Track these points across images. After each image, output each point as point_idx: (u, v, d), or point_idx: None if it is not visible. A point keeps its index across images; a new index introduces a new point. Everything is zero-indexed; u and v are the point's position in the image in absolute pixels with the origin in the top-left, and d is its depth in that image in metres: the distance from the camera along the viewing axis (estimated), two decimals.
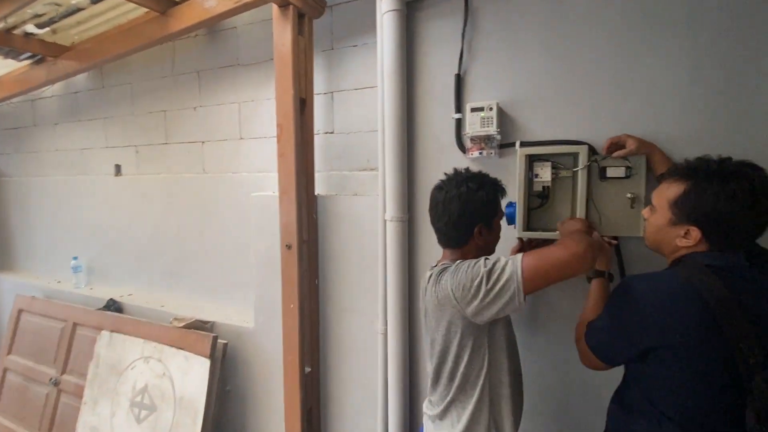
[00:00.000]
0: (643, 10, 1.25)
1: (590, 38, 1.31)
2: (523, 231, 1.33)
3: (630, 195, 1.23)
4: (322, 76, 1.86)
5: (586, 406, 1.39)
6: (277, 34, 1.62)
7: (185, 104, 2.30)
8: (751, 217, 0.82)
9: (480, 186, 1.10)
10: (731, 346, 0.79)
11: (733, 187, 0.82)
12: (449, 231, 1.12)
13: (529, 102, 1.40)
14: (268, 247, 1.93)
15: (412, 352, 1.70)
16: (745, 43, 1.15)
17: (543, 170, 1.34)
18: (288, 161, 1.64)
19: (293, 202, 1.65)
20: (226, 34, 2.12)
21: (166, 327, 2.09)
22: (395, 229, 1.58)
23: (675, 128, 1.23)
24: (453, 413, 1.11)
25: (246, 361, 2.09)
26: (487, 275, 0.96)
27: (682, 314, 0.83)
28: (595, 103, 1.32)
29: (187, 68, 2.26)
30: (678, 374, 0.85)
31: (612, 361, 0.98)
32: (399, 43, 1.50)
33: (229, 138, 2.18)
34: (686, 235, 0.89)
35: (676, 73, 1.22)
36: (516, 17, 1.40)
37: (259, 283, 2.01)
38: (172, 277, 2.47)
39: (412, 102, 1.59)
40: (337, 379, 1.91)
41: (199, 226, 2.33)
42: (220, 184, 2.24)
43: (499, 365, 1.08)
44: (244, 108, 2.12)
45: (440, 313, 1.07)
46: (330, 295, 1.89)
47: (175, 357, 2.01)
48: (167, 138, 2.40)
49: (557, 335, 1.42)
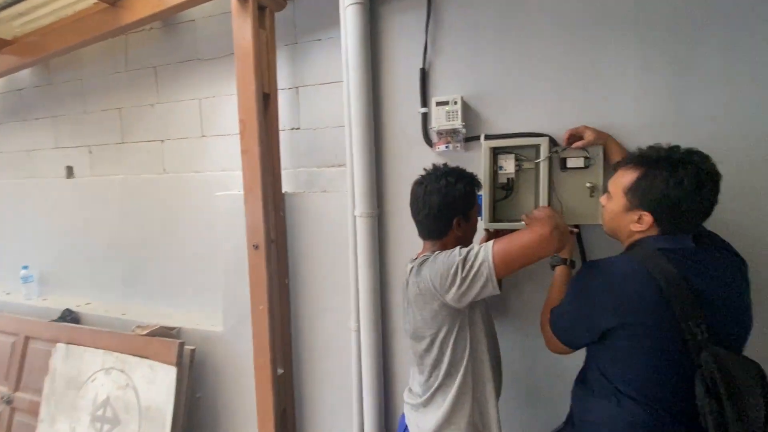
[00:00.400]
0: (597, 7, 1.29)
1: (549, 34, 1.35)
2: (489, 222, 1.35)
3: (589, 184, 1.28)
4: (287, 70, 1.82)
5: (554, 389, 1.44)
6: (236, 26, 1.57)
7: (142, 101, 2.19)
8: (697, 201, 0.87)
9: (458, 179, 1.14)
10: (681, 323, 0.83)
11: (680, 173, 0.87)
12: (429, 223, 1.16)
13: (493, 96, 1.43)
14: (236, 247, 1.87)
15: (386, 347, 1.70)
16: (688, 38, 1.21)
17: (507, 162, 1.37)
18: (252, 158, 1.60)
19: (259, 201, 1.61)
20: (184, 27, 2.03)
21: (128, 336, 1.99)
22: (365, 225, 1.57)
23: (628, 119, 1.28)
24: (438, 399, 1.13)
25: (216, 366, 2.03)
26: (462, 263, 1.01)
27: (637, 295, 0.87)
28: (554, 97, 1.36)
29: (142, 63, 2.15)
30: (634, 353, 0.89)
31: (574, 344, 1.01)
32: (363, 37, 1.49)
33: (191, 136, 2.10)
34: (639, 220, 0.93)
35: (628, 68, 1.27)
36: (477, 12, 1.42)
37: (227, 286, 1.94)
38: (134, 284, 2.35)
39: (378, 96, 1.58)
40: (311, 380, 1.89)
41: (161, 228, 2.23)
42: (183, 184, 2.15)
43: (480, 346, 1.12)
44: (206, 104, 2.05)
45: (422, 302, 1.10)
46: (301, 295, 1.86)
47: (139, 366, 1.92)
48: (123, 137, 2.28)
49: (526, 322, 1.46)
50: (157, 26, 2.08)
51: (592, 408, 0.98)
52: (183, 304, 2.24)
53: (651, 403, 0.88)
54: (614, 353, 0.92)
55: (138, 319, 2.11)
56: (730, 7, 1.16)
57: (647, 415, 0.88)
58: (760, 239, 1.19)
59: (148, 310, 2.28)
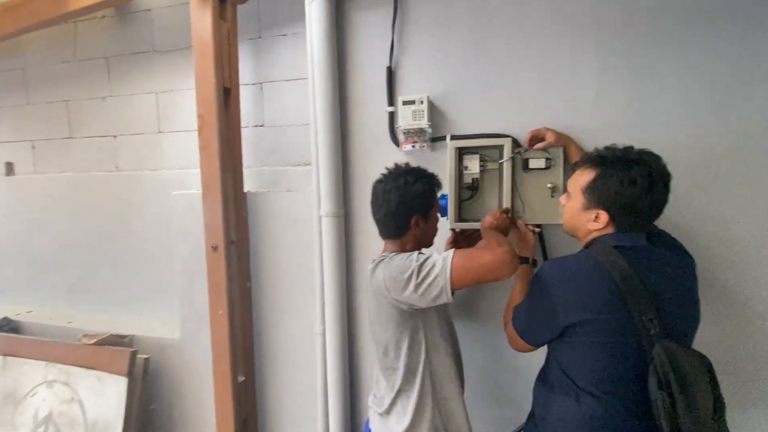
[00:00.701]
0: (556, 13, 1.32)
1: (511, 37, 1.37)
2: (455, 222, 1.35)
3: (550, 185, 1.30)
4: (250, 65, 1.76)
5: (517, 388, 1.45)
6: (195, 17, 1.50)
7: (93, 93, 2.05)
8: (649, 200, 0.90)
9: (417, 179, 1.13)
10: (635, 318, 0.86)
11: (633, 173, 0.89)
12: (388, 222, 1.15)
13: (458, 96, 1.43)
14: (193, 249, 1.78)
15: (353, 351, 1.67)
16: (643, 45, 1.26)
17: (472, 163, 1.38)
18: (211, 155, 1.52)
19: (218, 200, 1.54)
20: (139, 16, 1.92)
21: (73, 345, 1.85)
22: (331, 225, 1.53)
23: (587, 121, 1.32)
24: (399, 405, 1.11)
25: (172, 376, 1.92)
26: (417, 270, 0.99)
27: (594, 292, 0.88)
28: (517, 98, 1.38)
29: (93, 53, 2.01)
30: (592, 348, 0.90)
31: (536, 342, 1.02)
32: (328, 33, 1.46)
33: (147, 131, 1.99)
34: (596, 218, 0.95)
35: (586, 72, 1.31)
36: (443, 12, 1.42)
37: (184, 290, 1.84)
38: (82, 290, 2.19)
39: (344, 94, 1.55)
40: (274, 386, 1.82)
41: (113, 229, 2.09)
42: (137, 182, 2.03)
43: (437, 349, 1.11)
44: (163, 98, 1.94)
45: (377, 304, 1.09)
46: (264, 298, 1.79)
47: (86, 378, 1.78)
48: (72, 131, 2.12)
49: (489, 321, 1.47)
50: (109, 14, 1.96)
51: (553, 405, 0.98)
52: (136, 311, 2.11)
53: (607, 397, 0.90)
54: (573, 350, 0.93)
55: (86, 328, 1.97)
56: (684, 15, 1.22)
57: (604, 410, 0.89)
58: (708, 237, 1.25)
59: (98, 318, 2.13)
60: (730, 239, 1.25)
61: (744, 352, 1.27)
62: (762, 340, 1.25)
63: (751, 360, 1.26)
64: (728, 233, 1.25)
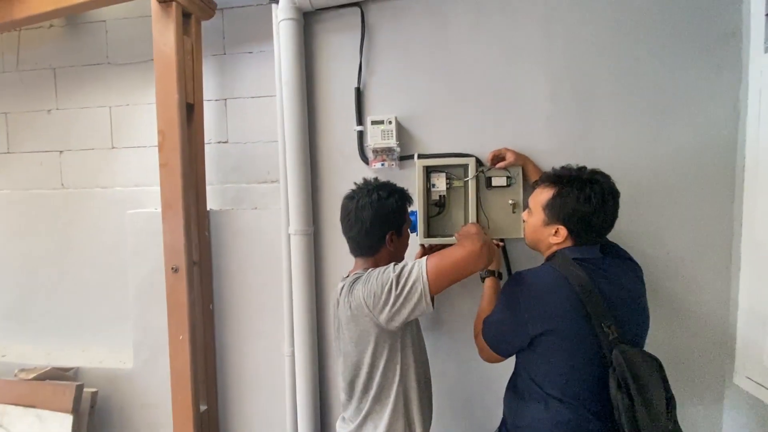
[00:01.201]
0: (509, 42, 1.42)
1: (470, 64, 1.45)
2: (424, 237, 1.39)
3: (511, 201, 1.38)
4: (214, 81, 1.73)
5: (487, 398, 1.49)
6: (157, 31, 1.46)
7: (36, 106, 1.91)
8: (602, 214, 0.98)
9: (390, 194, 1.12)
10: (594, 325, 0.92)
11: (588, 191, 0.98)
12: (362, 239, 1.12)
13: (424, 116, 1.49)
14: (150, 271, 1.69)
15: (323, 372, 1.63)
16: (586, 73, 1.39)
17: (439, 180, 1.43)
18: (173, 172, 1.46)
19: (180, 218, 1.47)
20: (92, 27, 1.84)
21: (8, 382, 1.66)
22: (300, 243, 1.51)
23: (540, 143, 1.42)
24: (369, 426, 1.08)
25: (124, 409, 1.77)
26: (396, 279, 0.98)
27: (559, 302, 0.94)
28: (478, 119, 1.46)
29: (38, 64, 1.89)
30: (557, 355, 0.96)
31: (506, 352, 1.06)
32: (297, 53, 1.47)
33: (98, 147, 1.88)
34: (556, 233, 1.03)
35: (538, 97, 1.42)
36: (408, 39, 1.48)
37: (138, 315, 1.73)
38: (17, 319, 1.99)
39: (312, 113, 1.56)
40: (239, 414, 1.73)
41: (55, 252, 1.93)
42: (86, 200, 1.90)
43: (410, 370, 1.09)
44: (117, 113, 1.85)
45: (354, 323, 1.05)
46: (228, 321, 1.71)
47: (24, 418, 1.60)
48: (10, 146, 1.96)
49: (459, 334, 1.50)
50: (58, 24, 1.85)
51: (523, 413, 1.02)
52: (82, 340, 1.94)
53: (572, 401, 0.95)
54: (541, 358, 0.98)
55: (22, 362, 1.78)
56: (623, 49, 1.37)
57: (571, 414, 0.94)
58: (649, 248, 1.38)
59: (37, 350, 1.93)
60: (669, 249, 1.38)
61: (688, 352, 1.39)
62: (703, 340, 1.38)
63: (695, 359, 1.39)
64: (667, 244, 1.38)
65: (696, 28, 1.33)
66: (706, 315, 1.38)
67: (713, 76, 1.33)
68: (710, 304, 1.37)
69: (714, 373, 1.38)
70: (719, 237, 1.36)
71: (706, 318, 1.38)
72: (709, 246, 1.36)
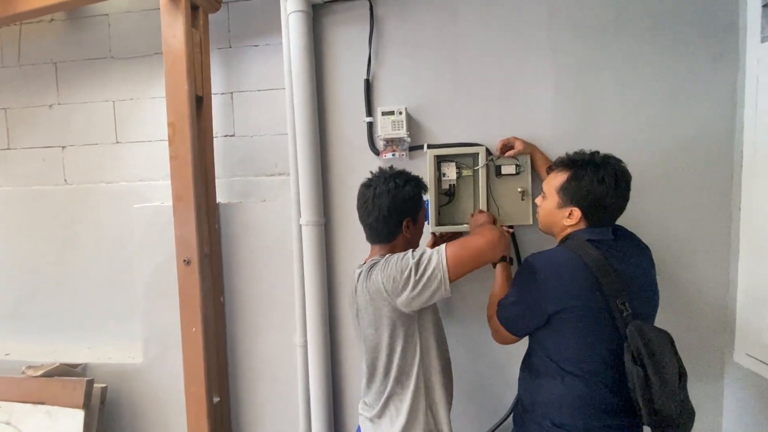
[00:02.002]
0: (516, 33, 1.46)
1: (478, 54, 1.48)
2: (435, 226, 1.42)
3: (520, 189, 1.41)
4: (220, 75, 1.73)
5: (496, 379, 1.52)
6: (165, 24, 1.45)
7: (37, 101, 1.89)
8: (615, 196, 1.02)
9: (406, 182, 1.14)
10: (609, 302, 0.96)
11: (602, 173, 1.01)
12: (379, 226, 1.14)
13: (433, 107, 1.52)
14: (158, 265, 1.69)
15: (336, 361, 1.65)
16: (591, 63, 1.43)
17: (449, 170, 1.46)
18: (183, 164, 1.47)
19: (191, 211, 1.48)
20: (94, 21, 1.82)
21: (15, 379, 1.65)
22: (312, 234, 1.53)
23: (547, 131, 1.46)
24: (392, 408, 1.10)
25: (134, 405, 1.77)
26: (415, 266, 1.01)
27: (576, 280, 0.98)
28: (486, 109, 1.49)
29: (39, 58, 1.87)
30: (573, 332, 0.99)
31: (522, 331, 1.09)
32: (307, 45, 1.48)
33: (102, 142, 1.86)
34: (570, 215, 1.06)
35: (544, 86, 1.46)
36: (416, 29, 1.51)
37: (147, 310, 1.73)
38: (20, 317, 1.96)
39: (322, 105, 1.58)
40: (252, 404, 1.74)
41: (59, 249, 1.91)
42: (90, 196, 1.88)
43: (430, 352, 1.12)
44: (121, 107, 1.84)
45: (372, 307, 1.07)
46: (238, 313, 1.72)
47: (33, 415, 1.59)
48: (11, 142, 1.93)
49: (469, 319, 1.54)
50: (60, 17, 1.83)
51: (540, 389, 1.06)
52: (89, 337, 1.92)
53: (588, 376, 0.99)
54: (557, 335, 1.02)
55: (29, 359, 1.76)
56: (626, 41, 1.41)
57: (587, 388, 0.98)
58: (655, 231, 1.42)
59: (43, 348, 1.91)
60: (670, 234, 1.43)
61: (689, 331, 1.44)
62: (704, 320, 1.43)
63: (696, 339, 1.44)
64: (668, 228, 1.43)
65: (694, 19, 1.38)
66: (706, 295, 1.43)
67: (711, 65, 1.38)
68: (710, 285, 1.43)
69: (714, 352, 1.44)
70: (718, 221, 1.41)
71: (706, 298, 1.43)
72: (708, 230, 1.42)
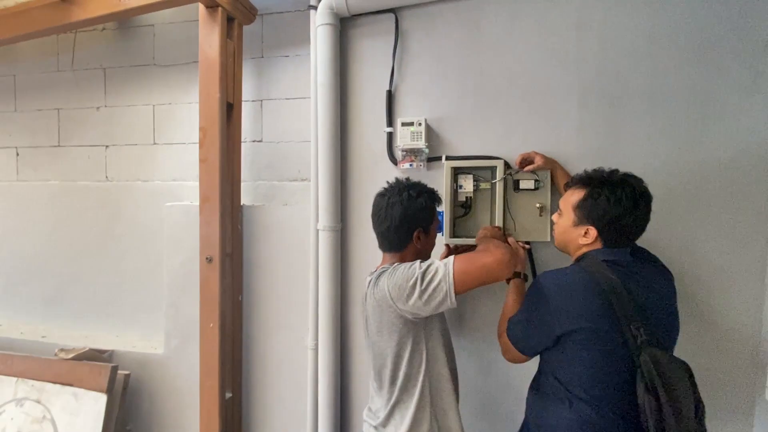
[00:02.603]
0: (542, 51, 1.45)
1: (502, 69, 1.48)
2: (450, 237, 1.42)
3: (539, 205, 1.39)
4: (251, 83, 1.81)
5: (508, 400, 1.49)
6: (203, 35, 1.55)
7: (86, 103, 2.04)
8: (633, 217, 0.99)
9: (419, 194, 1.16)
10: (623, 327, 0.92)
11: (620, 193, 0.99)
12: (390, 235, 1.16)
13: (453, 119, 1.53)
14: (184, 261, 1.77)
15: (344, 366, 1.66)
16: (616, 81, 1.40)
17: (466, 182, 1.46)
18: (211, 167, 1.54)
19: (216, 211, 1.55)
20: (141, 31, 1.96)
21: (48, 360, 1.76)
22: (328, 239, 1.56)
23: (570, 148, 1.43)
24: (396, 416, 1.11)
25: (153, 393, 1.85)
26: (421, 276, 1.02)
27: (587, 302, 0.95)
28: (506, 125, 1.48)
29: (90, 64, 2.02)
30: (584, 356, 0.96)
31: (531, 351, 1.07)
32: (333, 56, 1.53)
33: (141, 143, 1.98)
34: (586, 234, 1.03)
35: (569, 101, 1.44)
36: (440, 44, 1.53)
37: (171, 303, 1.81)
38: (58, 303, 2.10)
39: (345, 114, 1.62)
40: (262, 403, 1.78)
41: (97, 241, 2.04)
42: (128, 193, 2.00)
43: (437, 360, 1.12)
44: (160, 111, 1.96)
45: (379, 315, 1.09)
46: (255, 312, 1.78)
47: (61, 395, 1.69)
48: (61, 140, 2.09)
49: (481, 335, 1.52)
50: (110, 27, 1.98)
51: (547, 412, 1.03)
52: (117, 325, 2.03)
53: (598, 402, 0.95)
54: (566, 357, 0.99)
55: (62, 343, 1.89)
56: (657, 58, 1.37)
57: (596, 415, 0.94)
58: (680, 255, 1.36)
59: (76, 333, 2.04)
60: (700, 258, 1.36)
61: (717, 364, 1.36)
62: (734, 353, 1.35)
63: (725, 372, 1.36)
64: (698, 253, 1.36)
65: (732, 36, 1.32)
66: (737, 327, 1.35)
67: (750, 83, 1.32)
68: (742, 316, 1.35)
69: (744, 387, 1.35)
70: (753, 247, 1.33)
71: (738, 330, 1.35)
72: (742, 256, 1.34)
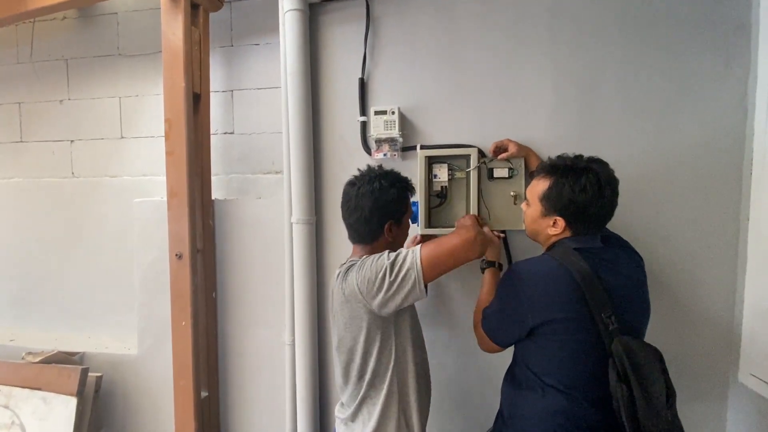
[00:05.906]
0: (514, 33, 1.42)
1: (474, 55, 1.45)
2: (425, 228, 1.39)
3: (513, 193, 1.38)
4: (221, 73, 1.75)
5: (485, 391, 1.48)
6: (165, 22, 1.48)
7: (49, 96, 1.95)
8: (599, 204, 0.97)
9: (391, 184, 1.11)
10: (594, 315, 0.91)
11: (583, 181, 0.96)
12: (360, 227, 1.12)
13: (427, 108, 1.49)
14: (156, 259, 1.71)
15: (323, 360, 1.64)
16: (590, 65, 1.38)
17: (441, 171, 1.43)
18: (178, 160, 1.49)
19: (184, 206, 1.49)
20: (104, 19, 1.87)
21: (15, 365, 1.70)
22: (302, 232, 1.52)
23: (544, 134, 1.41)
24: (364, 411, 1.09)
25: (127, 394, 1.80)
26: (390, 267, 0.99)
27: (559, 292, 0.93)
28: (480, 112, 1.46)
29: (51, 55, 1.93)
30: (556, 345, 0.95)
31: (505, 342, 1.06)
32: (302, 43, 1.48)
33: (107, 137, 1.91)
34: (554, 224, 1.02)
35: (542, 88, 1.42)
36: (413, 29, 1.49)
37: (144, 302, 1.76)
38: (25, 305, 2.03)
39: (317, 103, 1.58)
40: (239, 401, 1.75)
41: (65, 240, 1.97)
42: (95, 189, 1.93)
43: (406, 356, 1.10)
44: (127, 103, 1.88)
45: (348, 309, 1.05)
46: (230, 309, 1.73)
47: (29, 400, 1.63)
48: (23, 135, 2.00)
49: (457, 327, 1.50)
50: (71, 15, 1.89)
51: (521, 402, 1.02)
52: (88, 327, 1.97)
53: (571, 391, 0.94)
54: (539, 348, 0.97)
55: (31, 346, 1.82)
56: (625, 43, 1.36)
57: (568, 403, 0.93)
58: (652, 240, 1.36)
59: (46, 335, 1.98)
60: (673, 245, 1.37)
61: (692, 349, 1.37)
62: (708, 337, 1.36)
63: (699, 357, 1.37)
64: (671, 239, 1.37)
65: (704, 21, 1.31)
66: (710, 312, 1.36)
67: (721, 69, 1.31)
68: (715, 300, 1.35)
69: (718, 371, 1.36)
70: (725, 233, 1.34)
71: (711, 315, 1.36)
72: (714, 242, 1.35)
